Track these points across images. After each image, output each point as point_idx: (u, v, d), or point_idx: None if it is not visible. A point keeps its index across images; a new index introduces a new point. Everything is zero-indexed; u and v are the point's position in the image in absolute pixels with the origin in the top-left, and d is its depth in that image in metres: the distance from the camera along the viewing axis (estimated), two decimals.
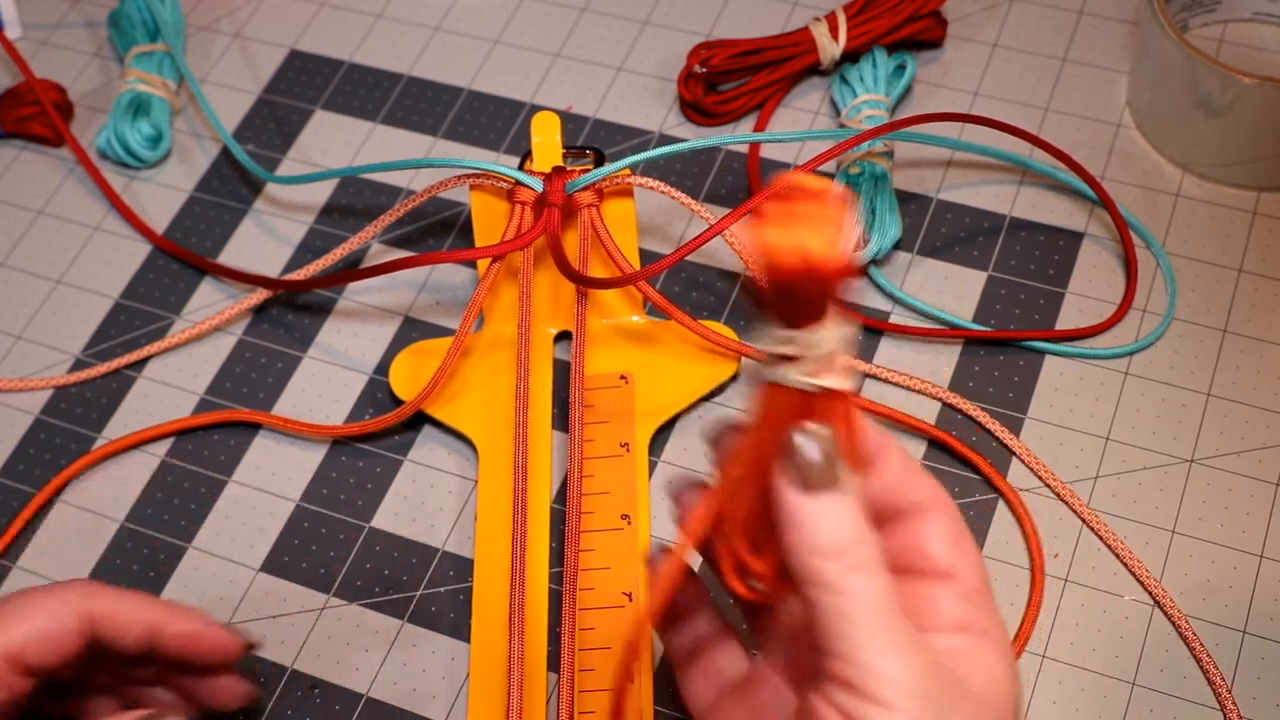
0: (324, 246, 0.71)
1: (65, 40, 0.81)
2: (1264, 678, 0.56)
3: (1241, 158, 0.67)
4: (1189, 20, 0.73)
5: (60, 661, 0.50)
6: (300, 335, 0.68)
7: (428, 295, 0.69)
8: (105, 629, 0.51)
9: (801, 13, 0.77)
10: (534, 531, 0.60)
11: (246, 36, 0.80)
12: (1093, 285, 0.66)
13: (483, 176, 0.64)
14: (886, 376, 0.64)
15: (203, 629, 0.53)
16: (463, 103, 0.76)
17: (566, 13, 0.79)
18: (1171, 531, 0.60)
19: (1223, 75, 0.64)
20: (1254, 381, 0.63)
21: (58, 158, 0.76)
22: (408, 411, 0.63)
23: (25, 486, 0.65)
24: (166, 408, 0.67)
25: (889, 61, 0.71)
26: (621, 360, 0.64)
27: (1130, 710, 0.56)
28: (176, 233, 0.73)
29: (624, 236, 0.64)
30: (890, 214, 0.66)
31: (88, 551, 0.63)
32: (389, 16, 0.80)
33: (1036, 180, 0.70)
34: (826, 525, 0.40)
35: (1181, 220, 0.68)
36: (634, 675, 0.56)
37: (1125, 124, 0.71)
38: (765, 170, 0.71)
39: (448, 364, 0.62)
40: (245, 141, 0.75)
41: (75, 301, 0.71)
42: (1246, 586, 0.58)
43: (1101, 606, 0.58)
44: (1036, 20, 0.75)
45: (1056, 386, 0.64)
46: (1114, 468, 0.61)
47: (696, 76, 0.72)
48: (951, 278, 0.67)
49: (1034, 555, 0.59)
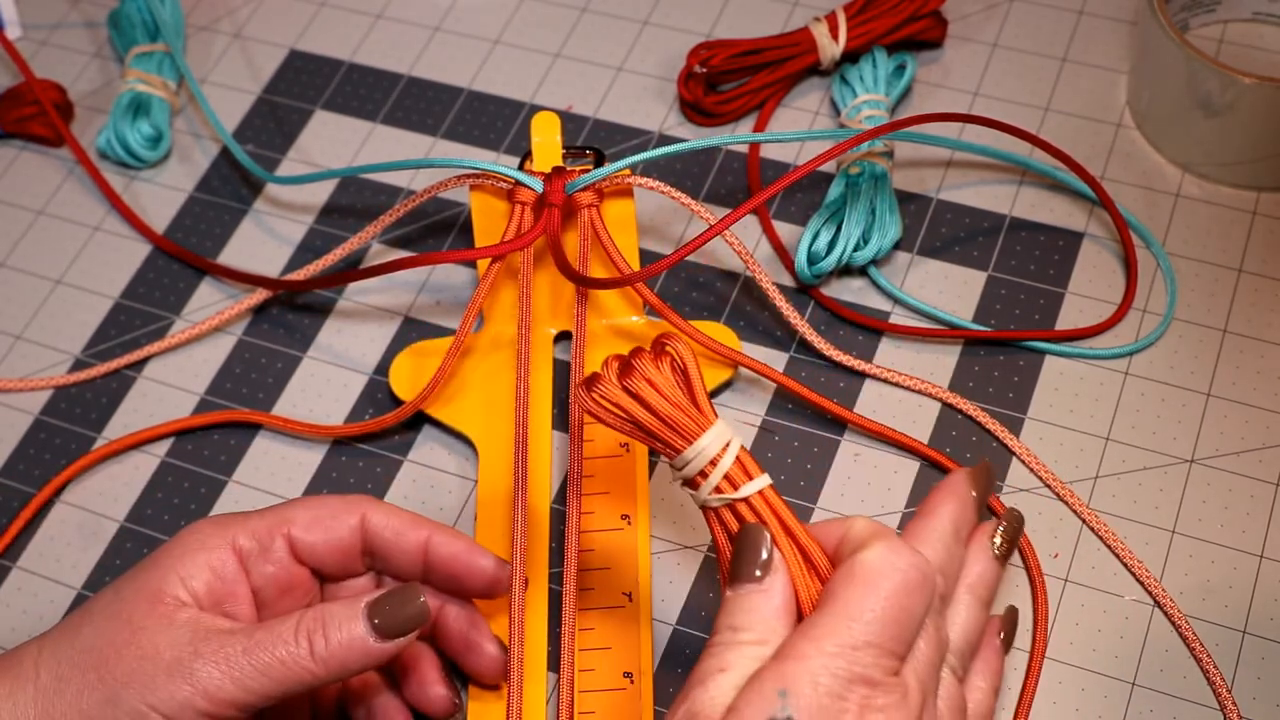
0: (324, 246, 0.71)
1: (65, 40, 0.81)
2: (1264, 678, 0.56)
3: (1241, 158, 0.67)
4: (1189, 20, 0.73)
5: (334, 554, 0.54)
6: (300, 335, 0.68)
7: (428, 295, 0.69)
8: (381, 535, 0.54)
9: (801, 13, 0.77)
10: (534, 531, 0.60)
11: (246, 36, 0.80)
12: (1093, 285, 0.66)
13: (483, 176, 0.64)
14: (886, 377, 0.64)
15: (469, 547, 0.54)
16: (463, 103, 0.76)
17: (566, 13, 0.79)
18: (1171, 531, 0.60)
19: (1223, 75, 0.64)
20: (1254, 381, 0.63)
21: (58, 158, 0.76)
22: (408, 412, 0.63)
23: (25, 486, 0.65)
24: (166, 408, 0.67)
25: (889, 62, 0.71)
26: None
27: (1130, 710, 0.56)
28: (176, 233, 0.73)
29: (624, 237, 0.64)
30: (890, 214, 0.66)
31: (88, 551, 0.63)
32: (389, 16, 0.80)
33: (1036, 180, 0.70)
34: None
35: (1181, 220, 0.68)
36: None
37: (1125, 124, 0.71)
38: (765, 170, 0.71)
39: (448, 364, 0.62)
40: (245, 141, 0.75)
41: (75, 301, 0.71)
42: (1246, 586, 0.58)
43: (1102, 607, 0.58)
44: (1036, 20, 0.75)
45: (1056, 386, 0.64)
46: (1114, 468, 0.61)
47: (696, 76, 0.72)
48: (951, 278, 0.67)
49: (1032, 568, 0.59)
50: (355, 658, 0.50)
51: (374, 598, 0.50)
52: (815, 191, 0.70)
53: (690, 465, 0.49)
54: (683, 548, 0.61)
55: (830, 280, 0.67)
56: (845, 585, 0.46)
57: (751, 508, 0.49)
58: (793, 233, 0.69)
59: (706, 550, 0.61)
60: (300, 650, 0.49)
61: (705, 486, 0.49)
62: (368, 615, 0.50)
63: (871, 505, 0.61)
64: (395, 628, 0.50)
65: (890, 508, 0.61)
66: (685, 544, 0.61)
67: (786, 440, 0.63)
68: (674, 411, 0.49)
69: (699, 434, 0.49)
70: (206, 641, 0.49)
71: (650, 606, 0.58)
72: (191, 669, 0.48)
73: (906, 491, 0.61)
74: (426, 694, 0.54)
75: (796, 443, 0.63)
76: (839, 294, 0.67)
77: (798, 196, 0.70)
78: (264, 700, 0.49)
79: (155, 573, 0.51)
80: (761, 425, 0.64)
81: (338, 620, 0.50)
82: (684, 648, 0.58)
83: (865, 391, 0.64)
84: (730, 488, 0.49)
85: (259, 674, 0.48)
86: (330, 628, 0.50)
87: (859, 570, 0.46)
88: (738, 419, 0.64)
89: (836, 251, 0.65)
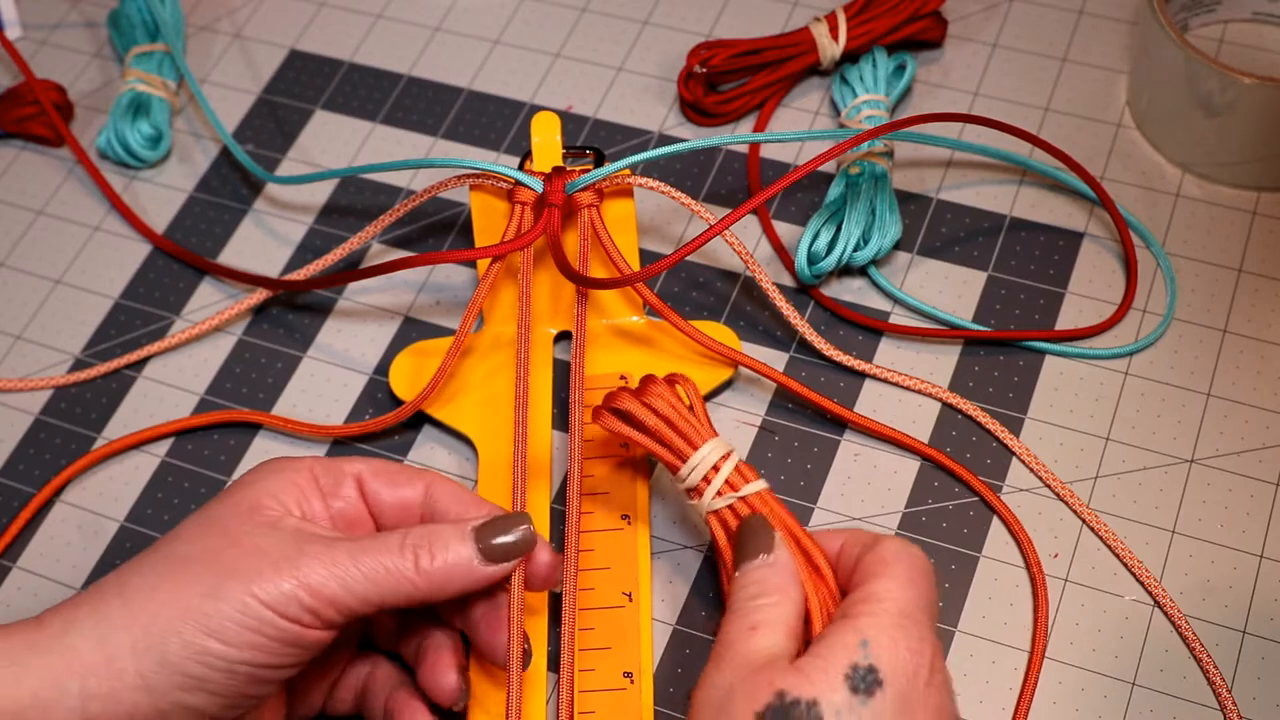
0: (324, 246, 0.71)
1: (65, 40, 0.81)
2: (1264, 678, 0.56)
3: (1241, 158, 0.67)
4: (1189, 20, 0.73)
5: (396, 509, 0.54)
6: (300, 335, 0.68)
7: (428, 295, 0.69)
8: (445, 508, 0.54)
9: (801, 13, 0.77)
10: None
11: (246, 36, 0.80)
12: (1093, 285, 0.66)
13: (482, 176, 0.64)
14: (886, 377, 0.64)
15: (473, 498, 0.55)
16: (463, 103, 0.76)
17: (566, 13, 0.79)
18: (1171, 531, 0.60)
19: (1223, 75, 0.64)
20: (1254, 381, 0.63)
21: (58, 158, 0.76)
22: (408, 412, 0.63)
23: (25, 486, 0.65)
24: (166, 408, 0.67)
25: (889, 62, 0.71)
26: (621, 360, 0.64)
27: (1130, 710, 0.56)
28: (176, 233, 0.73)
29: (624, 237, 0.64)
30: (890, 214, 0.66)
31: (88, 551, 0.63)
32: (389, 16, 0.80)
33: (1036, 180, 0.70)
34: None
35: (1181, 220, 0.68)
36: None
37: (1125, 124, 0.71)
38: (765, 170, 0.71)
39: (448, 364, 0.62)
40: (245, 141, 0.75)
41: (75, 301, 0.71)
42: (1246, 586, 0.58)
43: (1102, 606, 0.58)
44: (1036, 20, 0.75)
45: (1056, 386, 0.64)
46: (1114, 468, 0.61)
47: (696, 76, 0.72)
48: (951, 278, 0.67)
49: (1032, 566, 0.59)
50: (458, 577, 0.51)
51: (481, 522, 0.52)
52: (815, 191, 0.70)
53: (695, 472, 0.54)
54: (683, 548, 0.61)
55: (830, 280, 0.67)
56: (894, 561, 0.49)
57: (751, 506, 0.53)
58: (793, 233, 0.69)
59: (706, 550, 0.61)
60: (406, 562, 0.50)
61: (709, 490, 0.54)
62: (475, 538, 0.51)
63: (871, 505, 0.61)
64: (500, 553, 0.51)
65: (890, 508, 0.61)
66: (685, 544, 0.61)
67: (786, 440, 0.63)
68: (680, 421, 0.55)
69: (701, 443, 0.55)
70: (311, 543, 0.50)
71: (650, 606, 0.58)
72: (297, 564, 0.49)
73: (906, 491, 0.61)
74: (438, 680, 0.54)
75: (796, 443, 0.63)
76: (839, 294, 0.67)
77: (798, 196, 0.70)
78: (364, 606, 0.50)
79: (245, 491, 0.52)
80: (761, 425, 0.64)
81: (445, 539, 0.51)
82: (684, 648, 0.58)
83: (865, 391, 0.64)
84: (730, 490, 0.54)
85: (363, 578, 0.49)
86: (437, 546, 0.51)
87: (897, 552, 0.50)
88: (738, 419, 0.64)
89: (836, 251, 0.65)
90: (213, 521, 0.51)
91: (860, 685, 0.46)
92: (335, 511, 0.53)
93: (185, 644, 0.48)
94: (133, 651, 0.48)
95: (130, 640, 0.48)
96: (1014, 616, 0.58)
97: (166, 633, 0.48)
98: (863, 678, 0.46)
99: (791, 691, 0.46)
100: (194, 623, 0.48)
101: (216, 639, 0.48)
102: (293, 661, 0.50)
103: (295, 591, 0.48)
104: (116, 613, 0.48)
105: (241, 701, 0.50)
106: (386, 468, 0.55)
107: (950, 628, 0.58)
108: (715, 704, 0.47)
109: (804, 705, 0.45)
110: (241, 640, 0.48)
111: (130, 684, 0.48)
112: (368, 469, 0.54)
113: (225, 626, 0.48)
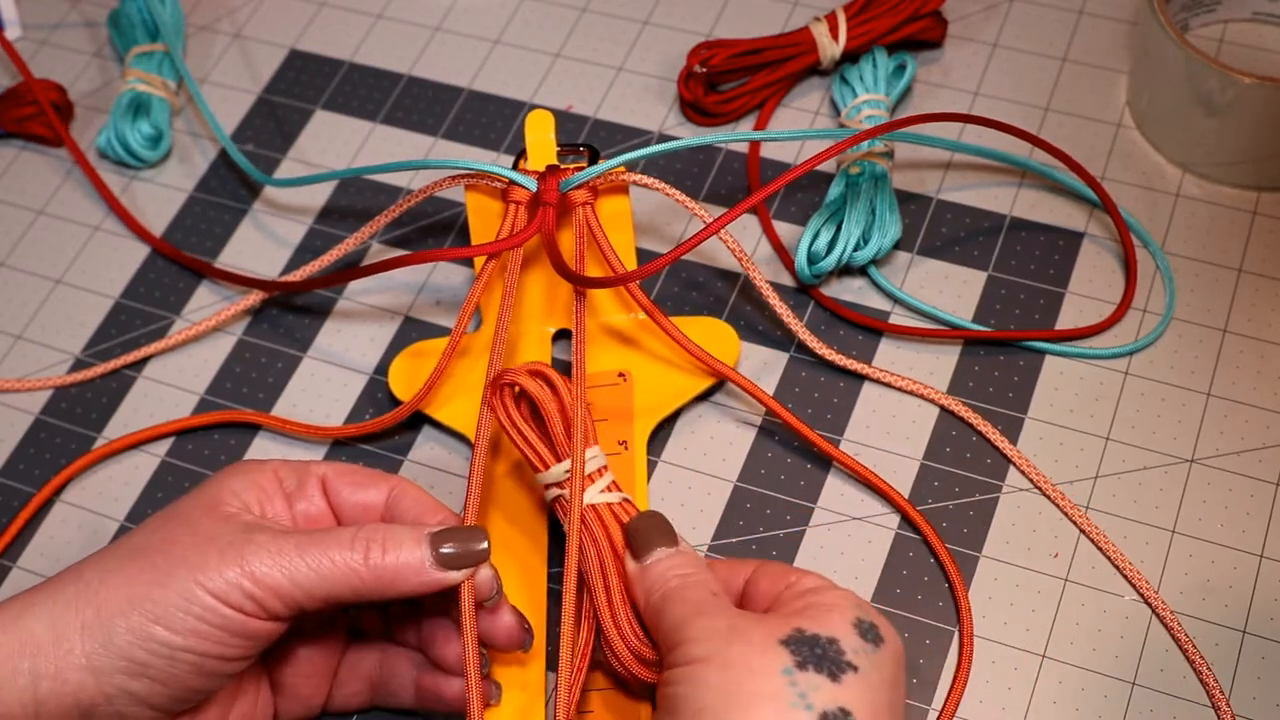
0: (323, 247, 0.71)
1: (65, 40, 0.81)
2: (1264, 678, 0.56)
3: (1241, 158, 0.67)
4: (1189, 20, 0.73)
5: (359, 511, 0.55)
6: (300, 336, 0.68)
7: (427, 295, 0.69)
8: (405, 512, 0.54)
9: (801, 13, 0.77)
10: (534, 531, 0.60)
11: (246, 36, 0.80)
12: (1093, 285, 0.66)
13: (477, 176, 0.64)
14: (887, 379, 0.64)
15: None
16: (463, 103, 0.76)
17: (566, 13, 0.79)
18: (1171, 531, 0.59)
19: (1223, 75, 0.64)
20: (1254, 381, 0.63)
21: (58, 158, 0.76)
22: (406, 412, 0.63)
23: (25, 486, 0.65)
24: (166, 408, 0.67)
25: (889, 61, 0.71)
26: (619, 358, 0.64)
27: (1130, 710, 0.56)
28: (176, 233, 0.73)
29: (620, 235, 0.64)
30: (890, 214, 0.66)
31: (88, 551, 0.63)
32: (389, 16, 0.80)
33: (1036, 180, 0.70)
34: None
35: (1181, 220, 0.68)
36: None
37: (1125, 124, 0.71)
38: (765, 170, 0.71)
39: (444, 364, 0.62)
40: (245, 141, 0.75)
41: (75, 301, 0.71)
42: (1246, 586, 0.58)
43: (1101, 607, 0.58)
44: (1036, 20, 0.75)
45: (1056, 386, 0.64)
46: (1114, 468, 0.61)
47: (696, 76, 0.72)
48: (951, 278, 0.67)
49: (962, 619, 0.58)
50: (407, 576, 0.51)
51: (437, 530, 0.52)
52: (815, 191, 0.70)
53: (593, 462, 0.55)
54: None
55: (830, 280, 0.67)
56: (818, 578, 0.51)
57: (628, 511, 0.55)
58: (793, 233, 0.69)
59: (705, 550, 0.61)
60: (354, 556, 0.50)
61: (600, 483, 0.55)
62: (431, 544, 0.51)
63: (871, 505, 0.61)
64: (453, 560, 0.51)
65: (889, 507, 0.61)
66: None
67: (786, 440, 0.63)
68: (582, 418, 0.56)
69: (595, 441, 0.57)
70: (260, 533, 0.50)
71: None
72: (242, 552, 0.49)
73: (905, 492, 0.61)
74: (496, 625, 0.55)
75: (796, 442, 0.63)
76: (839, 294, 0.67)
77: (798, 196, 0.70)
78: (308, 598, 0.50)
79: (208, 489, 0.53)
80: (761, 425, 0.64)
81: (398, 538, 0.51)
82: None
83: (864, 392, 0.64)
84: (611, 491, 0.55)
85: (309, 570, 0.50)
86: (390, 543, 0.51)
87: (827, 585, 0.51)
88: (737, 418, 0.64)
89: (836, 251, 0.65)
90: (173, 516, 0.52)
91: (868, 635, 0.48)
92: (299, 512, 0.54)
93: (131, 628, 0.48)
94: (81, 632, 0.49)
95: (80, 621, 0.49)
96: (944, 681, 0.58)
97: (115, 616, 0.49)
98: (868, 630, 0.48)
99: (810, 628, 0.47)
100: (141, 608, 0.49)
101: (162, 625, 0.49)
102: (238, 654, 0.50)
103: (239, 580, 0.49)
104: (71, 597, 0.49)
105: (186, 694, 0.50)
106: (351, 470, 0.55)
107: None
108: (721, 634, 0.47)
109: (824, 640, 0.47)
110: (185, 627, 0.49)
111: (76, 664, 0.48)
112: (332, 471, 0.55)
113: (170, 613, 0.49)
